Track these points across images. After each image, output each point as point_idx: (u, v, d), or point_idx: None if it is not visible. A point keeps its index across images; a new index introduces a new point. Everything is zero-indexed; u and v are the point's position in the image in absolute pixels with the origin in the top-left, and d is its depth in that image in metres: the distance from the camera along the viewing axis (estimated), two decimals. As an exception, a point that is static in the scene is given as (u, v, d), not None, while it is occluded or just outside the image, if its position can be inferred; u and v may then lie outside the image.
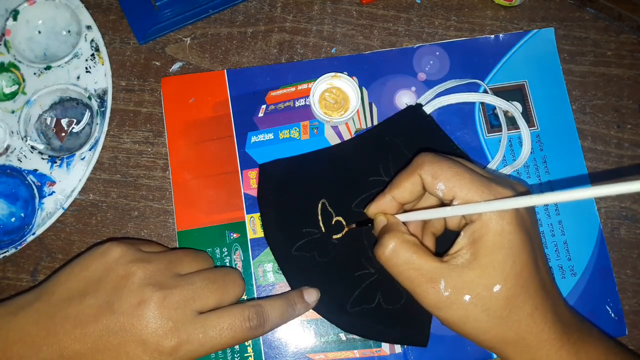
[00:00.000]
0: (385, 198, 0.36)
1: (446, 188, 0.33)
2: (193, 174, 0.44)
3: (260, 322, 0.36)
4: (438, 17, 0.48)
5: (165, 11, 0.47)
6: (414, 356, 0.41)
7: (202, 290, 0.35)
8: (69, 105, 0.46)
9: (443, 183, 0.33)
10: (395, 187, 0.36)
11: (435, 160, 0.34)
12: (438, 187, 0.33)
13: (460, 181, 0.33)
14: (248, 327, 0.35)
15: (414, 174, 0.34)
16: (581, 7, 0.48)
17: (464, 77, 0.45)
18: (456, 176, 0.33)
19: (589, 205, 0.44)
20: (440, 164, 0.34)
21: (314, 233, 0.42)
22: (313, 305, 0.40)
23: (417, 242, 0.34)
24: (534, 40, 0.47)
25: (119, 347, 0.33)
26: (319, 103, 0.44)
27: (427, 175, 0.34)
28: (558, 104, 0.46)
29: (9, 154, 0.44)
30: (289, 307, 0.38)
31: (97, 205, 0.45)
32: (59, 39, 0.47)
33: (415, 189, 0.35)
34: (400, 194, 0.35)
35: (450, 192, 0.33)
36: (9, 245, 0.43)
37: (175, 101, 0.45)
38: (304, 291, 0.40)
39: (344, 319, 0.40)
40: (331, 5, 0.48)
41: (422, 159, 0.35)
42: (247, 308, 0.36)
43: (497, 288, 0.31)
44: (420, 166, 0.34)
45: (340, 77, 0.44)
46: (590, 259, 0.43)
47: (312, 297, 0.40)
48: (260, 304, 0.37)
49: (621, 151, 0.46)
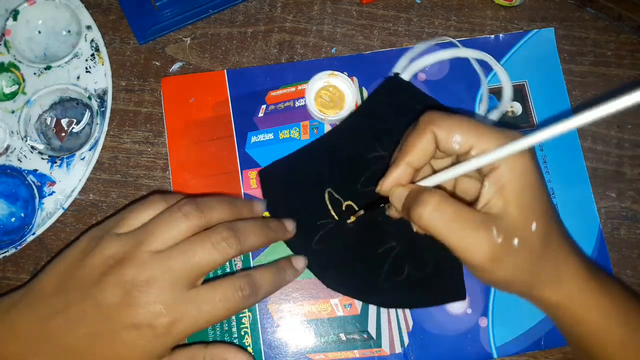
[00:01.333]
0: (400, 167, 0.34)
1: (462, 140, 0.32)
2: (193, 174, 0.44)
3: (252, 290, 0.35)
4: (438, 17, 0.48)
5: (165, 11, 0.47)
6: (415, 355, 0.41)
7: (185, 263, 0.34)
8: (69, 105, 0.46)
9: (459, 135, 0.32)
10: (408, 152, 0.34)
11: (445, 116, 0.33)
12: (454, 139, 0.32)
13: (477, 131, 0.32)
14: (241, 296, 0.34)
15: (426, 132, 0.33)
16: (581, 7, 0.48)
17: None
18: (470, 127, 0.32)
19: (589, 205, 0.44)
20: (451, 117, 0.33)
21: (328, 223, 0.42)
22: (302, 271, 0.40)
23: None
24: (534, 40, 0.47)
25: (113, 335, 0.33)
26: (314, 101, 0.44)
27: (440, 130, 0.33)
28: (558, 104, 0.46)
29: (9, 154, 0.44)
30: (279, 273, 0.38)
31: (97, 205, 0.45)
32: (59, 39, 0.47)
33: (430, 147, 0.34)
34: (416, 156, 0.34)
35: (467, 143, 0.32)
36: (9, 245, 0.43)
37: (175, 101, 0.45)
38: (292, 258, 0.40)
39: (382, 297, 0.41)
40: (331, 5, 0.48)
41: (430, 117, 0.33)
42: (238, 278, 0.35)
43: (534, 226, 0.32)
44: (431, 122, 0.33)
45: (338, 76, 0.44)
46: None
47: (300, 264, 0.40)
48: (250, 273, 0.36)
49: (621, 151, 0.46)
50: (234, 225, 0.36)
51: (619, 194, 0.45)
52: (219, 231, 0.35)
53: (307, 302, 0.42)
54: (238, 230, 0.35)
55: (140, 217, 0.36)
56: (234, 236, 0.35)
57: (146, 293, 0.33)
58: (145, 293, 0.33)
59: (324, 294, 0.42)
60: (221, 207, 0.36)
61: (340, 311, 0.42)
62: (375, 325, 0.42)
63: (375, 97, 0.45)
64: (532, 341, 0.41)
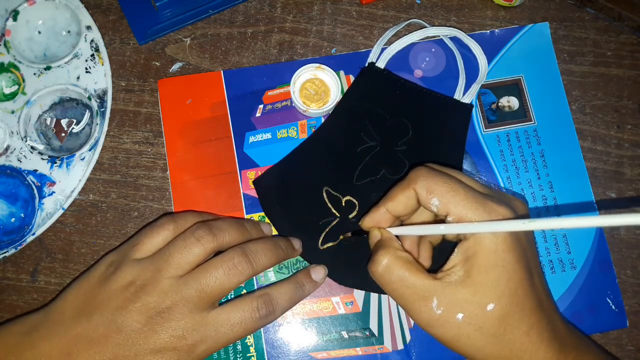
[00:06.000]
0: (380, 211, 0.36)
1: (440, 204, 0.33)
2: (192, 175, 0.44)
3: (269, 310, 0.36)
4: (438, 17, 0.48)
5: (165, 11, 0.47)
6: (417, 352, 0.41)
7: (203, 290, 0.35)
8: (68, 106, 0.46)
9: (437, 198, 0.33)
10: (389, 200, 0.35)
11: (430, 175, 0.34)
12: (432, 202, 0.33)
13: (454, 197, 0.32)
14: (258, 317, 0.36)
15: (409, 188, 0.34)
16: (581, 7, 0.48)
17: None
18: (451, 192, 0.32)
19: (589, 205, 0.44)
20: (434, 178, 0.33)
21: (331, 221, 0.42)
22: (322, 282, 0.40)
23: (411, 258, 0.34)
24: (529, 35, 0.47)
25: (136, 358, 0.34)
26: (299, 92, 0.44)
27: (421, 189, 0.33)
28: (554, 98, 0.46)
29: (8, 154, 0.44)
30: (297, 289, 0.39)
31: (97, 206, 0.45)
32: (59, 39, 0.47)
33: (410, 202, 0.35)
34: (395, 207, 0.35)
35: (445, 208, 0.32)
36: (9, 246, 0.43)
37: (172, 102, 0.45)
38: (310, 270, 0.40)
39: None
40: (331, 5, 0.48)
41: (416, 173, 0.34)
42: (255, 299, 0.36)
43: (491, 307, 0.31)
44: (414, 180, 0.34)
45: (324, 69, 0.44)
46: (590, 252, 0.43)
47: (319, 275, 0.40)
48: (268, 292, 0.37)
49: (621, 151, 0.46)
50: (246, 248, 0.37)
51: (619, 194, 0.45)
52: (232, 256, 0.36)
53: (308, 301, 0.42)
54: (250, 252, 0.37)
55: (154, 241, 0.37)
56: (246, 261, 0.36)
57: (168, 319, 0.34)
58: (167, 319, 0.34)
59: (325, 292, 0.42)
60: (232, 229, 0.38)
61: (342, 309, 0.42)
62: (377, 323, 0.42)
63: (354, 89, 0.45)
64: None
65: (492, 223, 0.30)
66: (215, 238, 0.36)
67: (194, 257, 0.36)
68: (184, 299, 0.34)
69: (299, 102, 0.43)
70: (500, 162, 0.45)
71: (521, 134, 0.45)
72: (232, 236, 0.37)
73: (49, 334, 0.34)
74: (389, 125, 0.44)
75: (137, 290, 0.35)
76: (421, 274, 0.32)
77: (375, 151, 0.43)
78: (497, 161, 0.45)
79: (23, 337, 0.35)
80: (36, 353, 0.34)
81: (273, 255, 0.38)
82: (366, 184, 0.43)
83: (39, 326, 0.35)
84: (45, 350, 0.34)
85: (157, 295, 0.34)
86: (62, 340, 0.34)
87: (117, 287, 0.35)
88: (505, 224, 0.29)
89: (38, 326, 0.35)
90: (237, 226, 0.38)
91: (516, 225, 0.29)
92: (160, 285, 0.35)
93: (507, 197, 0.35)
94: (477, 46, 0.45)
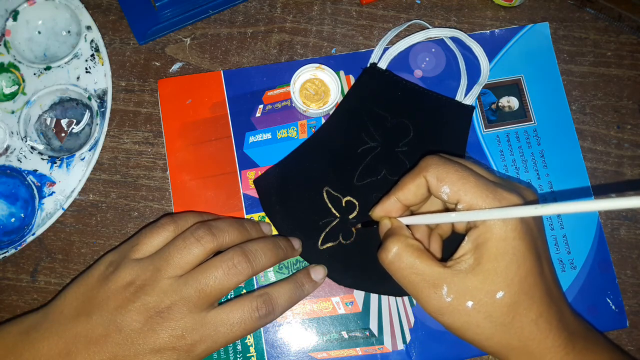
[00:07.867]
0: (390, 200, 0.36)
1: (451, 192, 0.33)
2: (192, 175, 0.44)
3: (269, 310, 0.36)
4: (438, 17, 0.48)
5: (165, 11, 0.47)
6: (417, 352, 0.41)
7: (202, 289, 0.35)
8: (68, 106, 0.46)
9: (448, 186, 0.33)
10: (400, 189, 0.35)
11: (441, 163, 0.34)
12: (443, 190, 0.33)
13: (465, 185, 0.32)
14: (257, 317, 0.36)
15: (419, 176, 0.34)
16: (581, 7, 0.48)
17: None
18: (461, 180, 0.32)
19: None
20: (445, 167, 0.33)
21: (331, 221, 0.42)
22: (321, 282, 0.40)
23: (421, 246, 0.34)
24: (529, 35, 0.47)
25: (136, 359, 0.34)
26: (299, 92, 0.44)
27: (432, 178, 0.33)
28: (554, 98, 0.46)
29: (8, 155, 0.44)
30: (297, 289, 0.39)
31: (97, 206, 0.45)
32: (59, 39, 0.47)
33: (420, 191, 0.35)
34: (405, 195, 0.35)
35: (455, 196, 0.32)
36: (9, 246, 0.43)
37: (172, 103, 0.45)
38: (310, 270, 0.40)
39: (397, 286, 0.41)
40: (331, 5, 0.48)
41: (427, 162, 0.34)
42: (255, 299, 0.36)
43: (500, 294, 0.31)
44: (425, 169, 0.34)
45: (324, 69, 0.44)
46: (590, 252, 0.43)
47: (319, 275, 0.40)
48: (268, 292, 0.37)
49: (621, 151, 0.46)
50: (245, 248, 0.37)
51: (619, 194, 0.45)
52: (231, 256, 0.36)
53: (308, 301, 0.42)
54: (250, 252, 0.37)
55: (154, 241, 0.37)
56: (246, 261, 0.36)
57: (167, 319, 0.34)
58: (166, 319, 0.34)
59: (325, 292, 0.42)
60: (232, 229, 0.38)
61: (342, 309, 0.42)
62: (377, 323, 0.42)
63: (355, 90, 0.45)
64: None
65: (503, 210, 0.30)
66: (215, 238, 0.36)
67: (194, 257, 0.36)
68: (183, 298, 0.34)
69: (299, 102, 0.43)
70: (500, 162, 0.45)
71: (521, 134, 0.45)
72: (232, 236, 0.37)
73: (48, 334, 0.34)
74: (390, 126, 0.44)
75: (136, 290, 0.35)
76: (431, 262, 0.33)
77: (376, 152, 0.43)
78: (497, 161, 0.45)
79: (22, 336, 0.35)
80: (35, 353, 0.34)
81: (273, 255, 0.38)
82: (367, 184, 0.43)
83: (38, 326, 0.35)
84: (44, 350, 0.34)
85: (157, 295, 0.34)
86: (61, 340, 0.34)
87: (117, 287, 0.35)
88: (517, 209, 0.29)
89: (37, 326, 0.35)
90: (237, 226, 0.38)
91: (528, 211, 0.29)
92: (159, 285, 0.35)
93: (516, 185, 0.35)
94: (480, 48, 0.46)
